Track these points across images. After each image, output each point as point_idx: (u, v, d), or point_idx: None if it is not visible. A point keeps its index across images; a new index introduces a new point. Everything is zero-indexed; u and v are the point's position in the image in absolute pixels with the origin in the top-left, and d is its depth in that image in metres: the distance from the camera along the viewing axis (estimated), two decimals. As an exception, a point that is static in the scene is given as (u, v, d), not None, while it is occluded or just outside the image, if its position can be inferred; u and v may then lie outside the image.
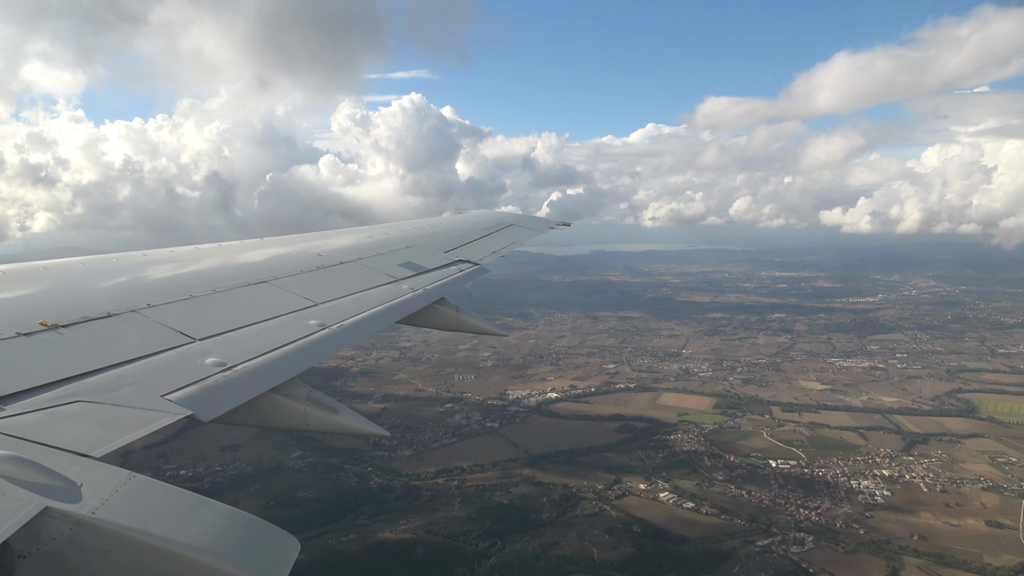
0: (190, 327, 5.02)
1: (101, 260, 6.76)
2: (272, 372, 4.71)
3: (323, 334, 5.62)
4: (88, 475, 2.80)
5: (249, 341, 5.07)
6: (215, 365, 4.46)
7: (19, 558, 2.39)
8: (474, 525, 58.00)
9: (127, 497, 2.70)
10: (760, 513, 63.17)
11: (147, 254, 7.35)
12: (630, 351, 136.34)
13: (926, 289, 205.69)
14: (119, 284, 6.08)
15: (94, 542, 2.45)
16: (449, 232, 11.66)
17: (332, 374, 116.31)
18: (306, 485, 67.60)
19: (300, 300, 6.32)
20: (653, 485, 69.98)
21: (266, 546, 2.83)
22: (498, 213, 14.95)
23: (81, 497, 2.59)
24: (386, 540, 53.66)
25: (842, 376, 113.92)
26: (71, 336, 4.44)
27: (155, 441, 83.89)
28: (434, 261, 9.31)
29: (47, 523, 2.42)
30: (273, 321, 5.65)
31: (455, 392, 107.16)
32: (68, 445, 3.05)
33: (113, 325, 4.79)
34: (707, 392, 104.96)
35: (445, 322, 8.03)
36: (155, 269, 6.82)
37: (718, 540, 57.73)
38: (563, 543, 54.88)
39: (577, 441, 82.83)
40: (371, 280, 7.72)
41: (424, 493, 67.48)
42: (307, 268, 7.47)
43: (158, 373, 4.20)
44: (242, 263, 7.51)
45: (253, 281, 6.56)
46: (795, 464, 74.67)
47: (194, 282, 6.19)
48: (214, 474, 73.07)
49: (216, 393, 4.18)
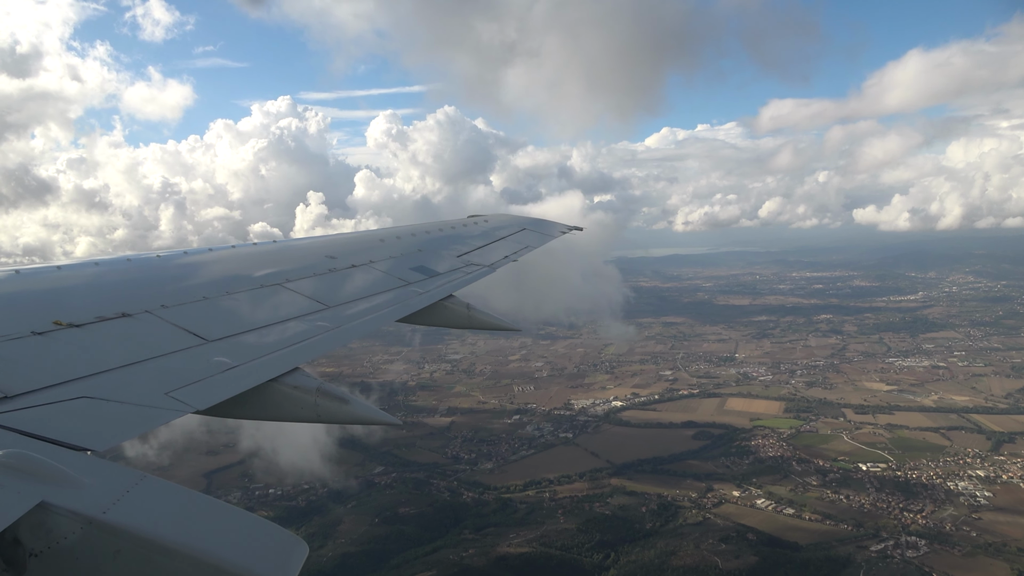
0: (202, 328, 5.07)
1: (116, 261, 6.80)
2: (274, 364, 4.78)
3: (327, 327, 5.75)
4: (100, 475, 2.80)
5: (259, 342, 5.15)
6: (221, 363, 4.54)
7: (31, 556, 2.40)
8: (585, 537, 58.11)
9: (138, 497, 2.69)
10: (864, 518, 62.77)
11: (161, 255, 7.35)
12: (682, 357, 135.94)
13: (966, 285, 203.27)
14: (134, 285, 6.11)
15: (105, 541, 2.46)
16: (462, 236, 11.52)
17: (393, 389, 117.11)
18: (405, 501, 67.98)
19: (311, 303, 6.34)
20: (746, 492, 69.74)
21: (276, 548, 2.77)
22: (511, 217, 14.61)
23: (93, 497, 2.60)
24: (507, 555, 53.88)
25: (905, 376, 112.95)
26: (85, 336, 4.47)
27: (233, 461, 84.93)
28: (446, 265, 9.24)
29: (58, 522, 2.44)
30: (284, 323, 5.73)
31: (518, 403, 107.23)
32: (69, 440, 3.05)
33: (127, 326, 4.82)
34: (772, 396, 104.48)
35: (456, 319, 7.82)
36: (170, 271, 6.87)
37: (831, 546, 57.43)
38: (680, 553, 54.80)
39: (656, 449, 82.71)
40: (383, 284, 7.70)
41: (519, 506, 67.66)
42: (319, 271, 7.44)
43: (166, 372, 4.25)
44: (255, 266, 7.49)
45: (266, 284, 6.56)
46: (885, 467, 74.12)
47: (208, 284, 6.26)
48: (305, 492, 73.66)
49: (217, 387, 4.25)
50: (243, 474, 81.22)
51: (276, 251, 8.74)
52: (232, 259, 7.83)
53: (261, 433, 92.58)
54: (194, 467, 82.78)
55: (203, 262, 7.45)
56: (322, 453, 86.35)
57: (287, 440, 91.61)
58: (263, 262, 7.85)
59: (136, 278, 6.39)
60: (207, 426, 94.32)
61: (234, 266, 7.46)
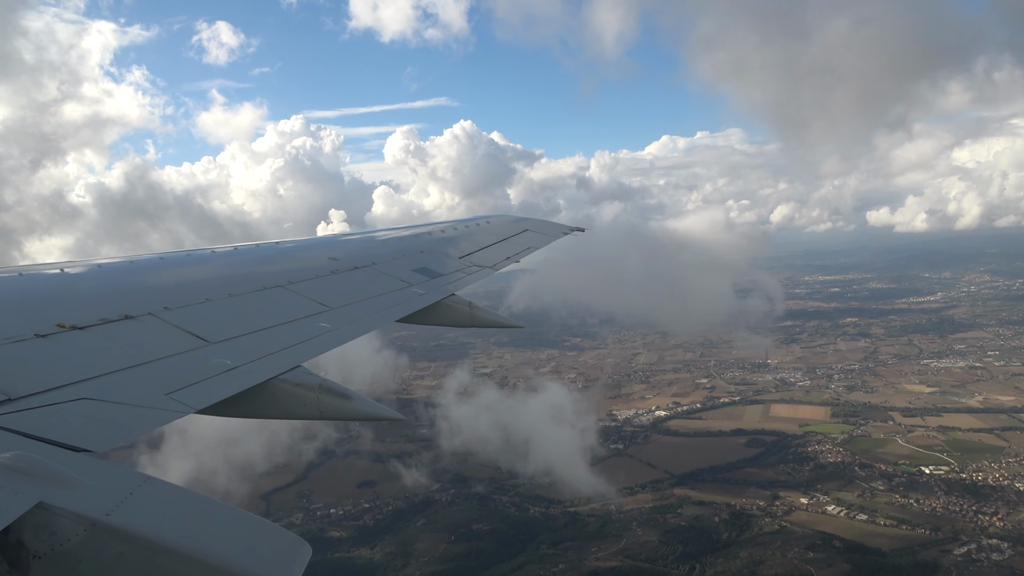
0: (205, 330, 5.06)
1: (120, 263, 6.78)
2: (276, 363, 4.82)
3: (329, 327, 5.82)
4: (103, 477, 2.81)
5: (261, 342, 5.16)
6: (222, 364, 4.55)
7: (34, 558, 2.40)
8: (668, 549, 58.01)
9: (141, 499, 2.69)
10: (939, 521, 62.68)
11: (164, 257, 7.34)
12: (714, 364, 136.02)
13: (984, 284, 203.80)
14: (137, 286, 6.11)
15: (108, 544, 2.46)
16: (464, 237, 11.47)
17: (428, 404, 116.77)
18: (476, 518, 67.67)
19: (314, 305, 6.34)
20: (814, 499, 69.60)
21: (278, 550, 2.77)
22: (513, 218, 14.49)
23: (96, 499, 2.60)
24: (598, 569, 53.76)
25: (944, 377, 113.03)
26: (88, 338, 4.44)
27: (289, 481, 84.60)
28: (448, 267, 9.22)
29: (62, 524, 2.43)
30: (286, 324, 5.73)
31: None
32: (69, 442, 3.06)
33: (130, 327, 4.80)
34: (816, 401, 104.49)
35: (458, 318, 7.83)
36: (173, 272, 6.86)
37: (914, 551, 57.35)
38: (768, 562, 54.70)
39: (712, 458, 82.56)
40: (385, 285, 7.67)
41: (589, 519, 67.47)
42: (322, 273, 7.42)
43: (168, 374, 4.24)
44: (258, 267, 7.55)
45: (269, 285, 6.54)
46: (948, 470, 74.11)
47: (211, 286, 6.21)
48: (371, 511, 73.25)
49: (218, 387, 4.26)
50: (299, 494, 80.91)
51: (279, 252, 8.68)
52: (235, 260, 7.78)
53: (311, 449, 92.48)
54: (250, 488, 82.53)
55: (206, 263, 7.41)
56: (375, 468, 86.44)
57: (340, 459, 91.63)
58: (266, 263, 7.85)
59: (139, 280, 6.39)
60: (260, 446, 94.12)
61: (237, 267, 7.42)
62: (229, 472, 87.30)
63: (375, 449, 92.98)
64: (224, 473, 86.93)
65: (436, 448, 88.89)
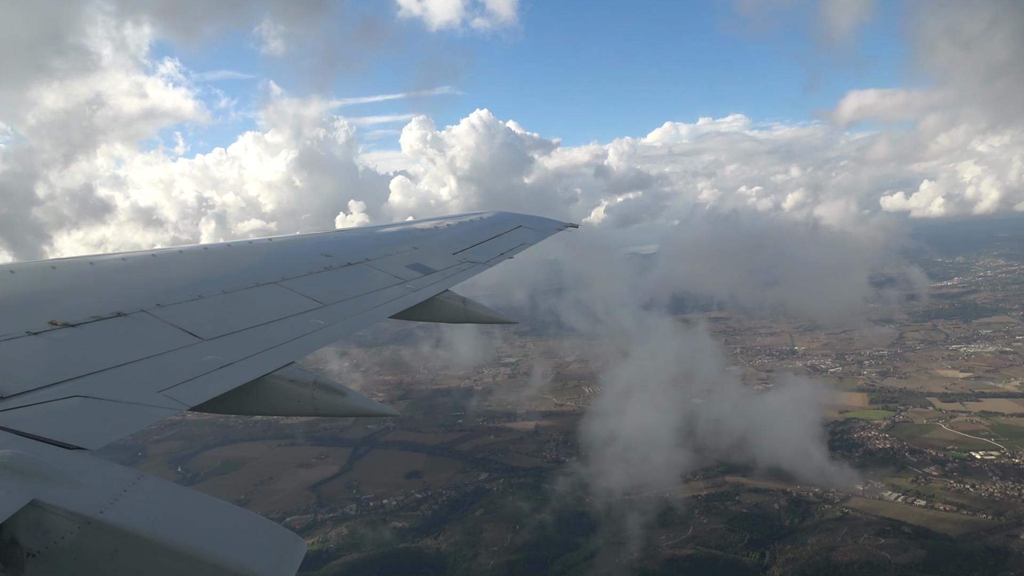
0: (198, 327, 5.06)
1: (112, 259, 6.76)
2: (269, 359, 4.83)
3: (322, 324, 5.84)
4: (97, 475, 2.81)
5: (254, 339, 5.17)
6: (215, 361, 4.55)
7: (28, 556, 2.41)
8: (736, 536, 58.32)
9: (136, 497, 2.70)
10: (1000, 506, 63.04)
11: (156, 254, 7.33)
12: (740, 352, 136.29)
13: (1000, 269, 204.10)
14: (130, 284, 6.09)
15: (102, 541, 2.47)
16: (457, 233, 11.57)
17: (462, 394, 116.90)
18: (536, 507, 67.87)
19: (308, 301, 6.36)
20: (868, 485, 69.95)
21: (273, 547, 2.79)
22: (506, 214, 14.66)
23: (90, 496, 2.60)
24: (675, 556, 54.03)
25: (976, 362, 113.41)
26: (80, 335, 4.44)
27: (335, 472, 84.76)
28: (442, 263, 9.28)
29: (55, 522, 2.43)
30: (279, 321, 5.75)
31: (594, 404, 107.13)
32: (62, 439, 3.07)
33: (123, 325, 4.80)
34: (851, 388, 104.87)
35: (452, 314, 7.93)
36: (166, 269, 6.84)
37: (980, 537, 57.67)
38: (840, 548, 54.98)
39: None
40: (379, 281, 7.73)
41: (647, 507, 67.68)
42: (315, 269, 7.46)
43: (161, 371, 4.24)
44: (252, 264, 7.53)
45: (262, 282, 6.56)
46: (999, 455, 74.45)
47: (204, 283, 6.21)
48: (425, 500, 73.30)
49: (211, 384, 4.26)
50: (348, 485, 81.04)
51: (272, 249, 8.69)
52: (228, 257, 7.79)
53: (354, 437, 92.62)
54: (296, 481, 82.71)
55: (199, 260, 7.40)
56: (420, 459, 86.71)
57: (381, 449, 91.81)
58: (259, 260, 7.85)
59: (132, 277, 6.38)
60: (301, 437, 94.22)
61: (230, 265, 7.42)
62: (276, 467, 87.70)
63: (415, 440, 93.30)
64: (269, 471, 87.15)
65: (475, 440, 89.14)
